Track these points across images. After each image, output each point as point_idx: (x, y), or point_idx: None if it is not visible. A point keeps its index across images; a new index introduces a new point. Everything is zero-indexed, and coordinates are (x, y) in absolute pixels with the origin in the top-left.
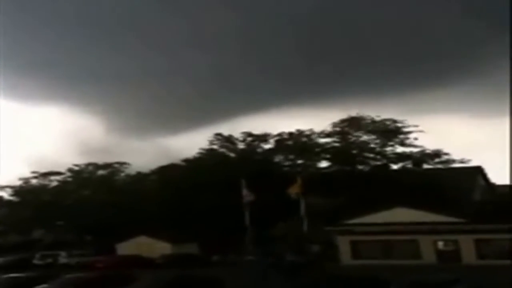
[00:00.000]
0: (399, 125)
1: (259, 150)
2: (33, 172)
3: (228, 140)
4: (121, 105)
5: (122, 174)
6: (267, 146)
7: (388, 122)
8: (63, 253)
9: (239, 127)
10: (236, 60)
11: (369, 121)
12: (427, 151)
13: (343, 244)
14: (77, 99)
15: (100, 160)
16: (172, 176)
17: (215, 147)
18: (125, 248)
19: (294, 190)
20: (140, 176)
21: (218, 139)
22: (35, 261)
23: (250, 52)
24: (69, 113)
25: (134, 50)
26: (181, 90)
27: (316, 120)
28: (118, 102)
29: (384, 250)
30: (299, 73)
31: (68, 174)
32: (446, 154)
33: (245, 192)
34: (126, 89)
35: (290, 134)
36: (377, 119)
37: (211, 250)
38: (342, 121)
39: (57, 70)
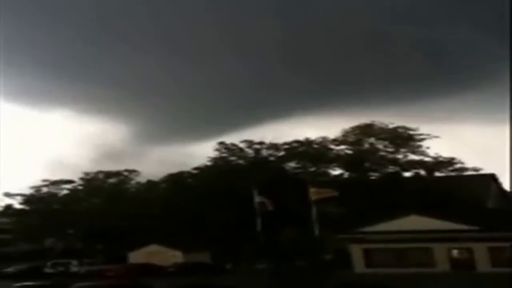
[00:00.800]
0: (412, 132)
1: (271, 158)
2: (44, 180)
3: (236, 149)
4: (139, 112)
5: (133, 182)
6: (279, 154)
7: (400, 130)
8: (74, 262)
9: (251, 135)
10: (246, 70)
11: (381, 128)
12: (441, 159)
13: (356, 252)
14: (93, 104)
15: (116, 166)
16: (183, 184)
17: (225, 155)
18: (136, 256)
19: (315, 197)
20: (151, 184)
21: (226, 148)
22: (47, 270)
23: (260, 63)
24: (85, 118)
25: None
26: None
27: (329, 128)
28: (136, 109)
29: (397, 258)
30: (312, 81)
31: (79, 182)
32: (460, 162)
33: (262, 200)
34: (144, 96)
35: (301, 142)
36: (390, 126)
37: (223, 258)
38: (355, 128)
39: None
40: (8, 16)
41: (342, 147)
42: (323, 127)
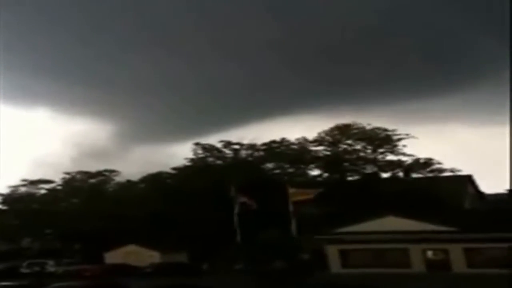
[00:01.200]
0: (390, 133)
1: (249, 158)
2: (23, 180)
3: (214, 149)
4: (122, 112)
5: (112, 182)
6: (257, 154)
7: (379, 131)
8: (51, 262)
9: (233, 135)
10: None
11: (360, 129)
12: (418, 160)
13: (333, 252)
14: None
15: (98, 166)
16: (161, 184)
17: (203, 155)
18: (114, 256)
19: (294, 198)
20: (130, 184)
21: (203, 148)
22: (23, 270)
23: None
24: (67, 118)
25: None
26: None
27: (308, 129)
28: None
29: (373, 258)
30: (292, 83)
31: (59, 182)
32: (438, 162)
33: (245, 200)
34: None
35: (279, 142)
36: (368, 127)
37: (200, 258)
38: (333, 129)
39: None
40: None
41: (321, 147)
42: (303, 128)
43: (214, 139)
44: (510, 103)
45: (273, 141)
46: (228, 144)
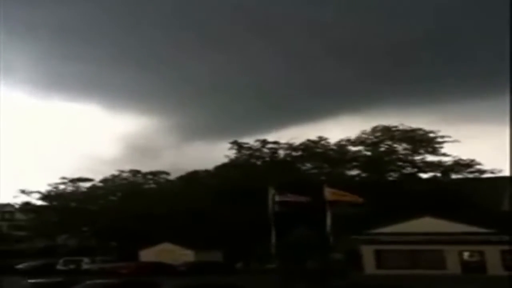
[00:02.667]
0: (431, 134)
1: (287, 158)
2: (62, 178)
3: (251, 148)
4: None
5: (150, 181)
6: (295, 154)
7: (419, 131)
8: (86, 259)
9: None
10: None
11: (400, 130)
12: (459, 161)
13: (368, 253)
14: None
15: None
16: (197, 182)
17: (241, 155)
18: (148, 254)
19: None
20: (168, 183)
21: (241, 147)
22: (59, 267)
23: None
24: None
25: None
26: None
27: (348, 129)
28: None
29: (409, 259)
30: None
31: (98, 180)
32: (479, 164)
33: (284, 198)
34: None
35: (316, 141)
36: (409, 128)
37: (234, 257)
38: (373, 130)
39: None
40: None
41: (360, 148)
42: (342, 128)
43: (254, 138)
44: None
45: (311, 141)
46: (265, 143)
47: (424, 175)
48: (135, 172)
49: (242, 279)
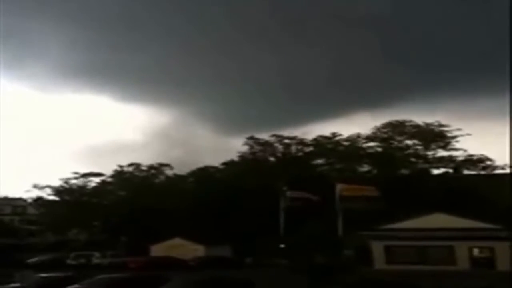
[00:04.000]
0: (443, 129)
1: (299, 154)
2: (75, 173)
3: (265, 144)
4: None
5: (162, 176)
6: (307, 150)
7: (431, 127)
8: (96, 254)
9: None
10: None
11: (412, 125)
12: (470, 157)
13: (377, 248)
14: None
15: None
16: (208, 178)
17: (253, 150)
18: (159, 249)
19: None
20: (180, 178)
21: (256, 142)
22: (69, 261)
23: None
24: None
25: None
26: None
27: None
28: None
29: (418, 255)
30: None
31: (109, 175)
32: (489, 159)
33: (298, 194)
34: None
35: (329, 137)
36: (420, 123)
37: (244, 252)
38: (385, 125)
39: None
40: None
41: (372, 144)
42: (354, 124)
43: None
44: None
45: (323, 137)
46: (278, 138)
47: (435, 171)
48: (137, 165)
49: (252, 274)
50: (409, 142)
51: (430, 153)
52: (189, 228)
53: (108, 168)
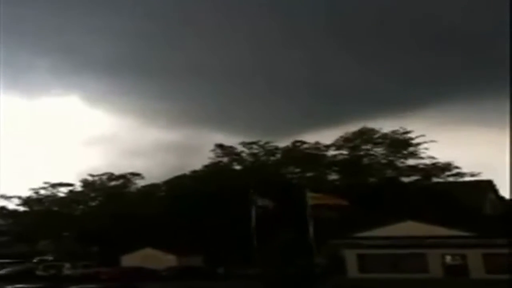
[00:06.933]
0: (409, 136)
1: (268, 162)
2: (45, 183)
3: (233, 152)
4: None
5: (133, 186)
6: (276, 158)
7: (398, 134)
8: (67, 264)
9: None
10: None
11: (379, 133)
12: (438, 164)
13: (350, 257)
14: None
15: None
16: (179, 187)
17: (223, 159)
18: (130, 259)
19: (314, 202)
20: (151, 188)
21: (223, 151)
22: (39, 272)
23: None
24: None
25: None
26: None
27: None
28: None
29: (391, 263)
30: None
31: (79, 184)
32: (457, 167)
33: (265, 203)
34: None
35: (297, 146)
36: (387, 131)
37: (216, 262)
38: (353, 133)
39: None
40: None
41: (339, 152)
42: (321, 132)
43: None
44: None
45: (293, 145)
46: (248, 146)
47: (404, 179)
48: (110, 175)
49: (223, 284)
50: (377, 149)
51: (397, 161)
52: (161, 238)
53: (80, 177)
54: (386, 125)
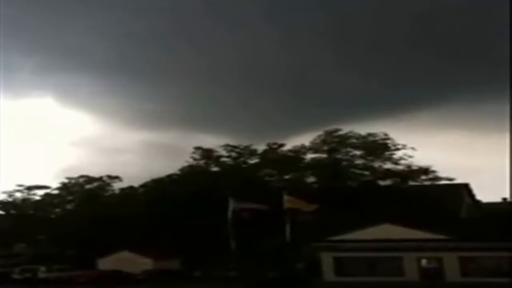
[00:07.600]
0: (387, 141)
1: (244, 165)
2: (19, 185)
3: (211, 155)
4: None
5: (111, 188)
6: (254, 161)
7: (376, 138)
8: (42, 268)
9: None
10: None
11: (357, 136)
12: (415, 168)
13: (327, 260)
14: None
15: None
16: (155, 190)
17: (200, 162)
18: (106, 263)
19: (289, 205)
20: (129, 190)
21: (201, 154)
22: (14, 276)
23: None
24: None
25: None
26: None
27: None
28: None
29: (367, 266)
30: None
31: (55, 187)
32: (434, 171)
33: (240, 206)
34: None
35: (274, 148)
36: (365, 134)
37: (193, 265)
38: (331, 136)
39: None
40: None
41: (317, 155)
42: (301, 134)
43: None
44: (510, 104)
45: (271, 147)
46: (229, 148)
47: (381, 182)
48: (87, 178)
49: (198, 287)
50: (356, 152)
51: (375, 164)
52: (138, 241)
53: (57, 180)
54: (374, 129)
